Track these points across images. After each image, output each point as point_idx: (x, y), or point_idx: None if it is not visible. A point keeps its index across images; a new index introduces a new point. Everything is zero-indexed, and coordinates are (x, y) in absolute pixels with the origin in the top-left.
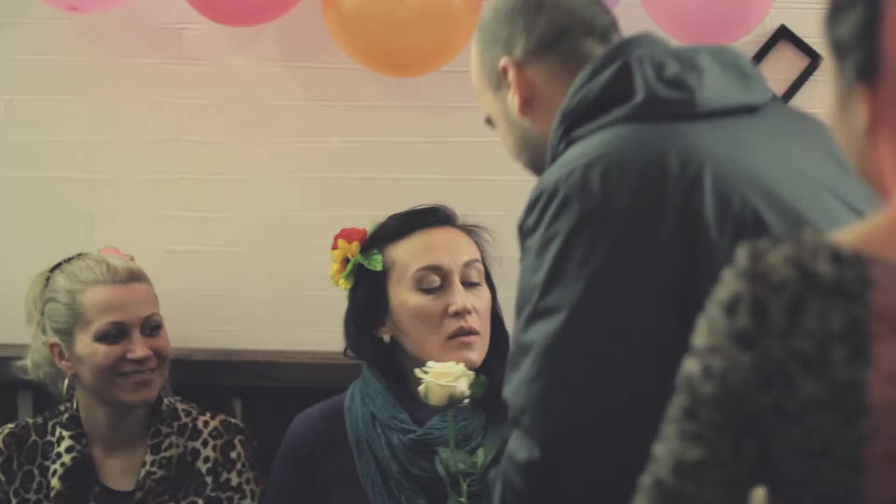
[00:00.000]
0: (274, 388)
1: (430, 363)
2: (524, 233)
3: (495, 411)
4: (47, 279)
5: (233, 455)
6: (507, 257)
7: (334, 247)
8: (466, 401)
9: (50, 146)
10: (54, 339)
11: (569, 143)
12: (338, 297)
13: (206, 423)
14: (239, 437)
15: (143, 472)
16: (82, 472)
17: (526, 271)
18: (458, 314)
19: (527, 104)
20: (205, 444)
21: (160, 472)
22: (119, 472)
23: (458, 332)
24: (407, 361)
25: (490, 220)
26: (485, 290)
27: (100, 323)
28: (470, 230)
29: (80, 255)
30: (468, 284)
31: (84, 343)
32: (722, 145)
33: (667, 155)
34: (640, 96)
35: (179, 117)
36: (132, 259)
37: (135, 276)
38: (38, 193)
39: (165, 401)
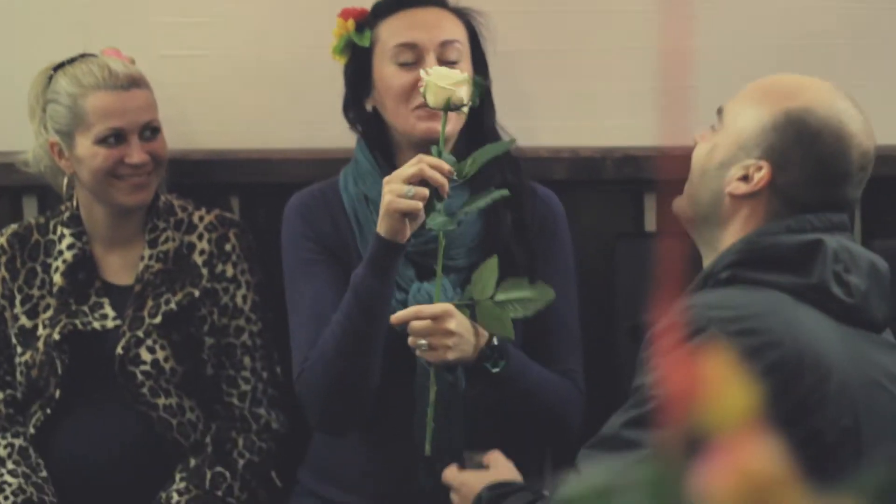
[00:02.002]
0: (270, 184)
1: (434, 67)
2: (649, 344)
3: (479, 188)
4: (49, 77)
5: (227, 247)
6: (502, 52)
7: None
8: (465, 108)
9: None
10: (54, 138)
11: (732, 278)
12: (332, 95)
13: (201, 218)
14: (233, 230)
15: (141, 265)
16: (83, 267)
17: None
18: None
19: (741, 197)
20: (200, 237)
21: (157, 266)
22: (119, 268)
23: (424, 104)
24: (392, 135)
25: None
26: (464, 67)
27: (100, 128)
28: (462, 13)
29: (82, 56)
30: (445, 62)
31: (84, 146)
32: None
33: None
34: (813, 279)
35: None
36: (133, 62)
37: (135, 82)
38: (33, 2)
39: (162, 198)
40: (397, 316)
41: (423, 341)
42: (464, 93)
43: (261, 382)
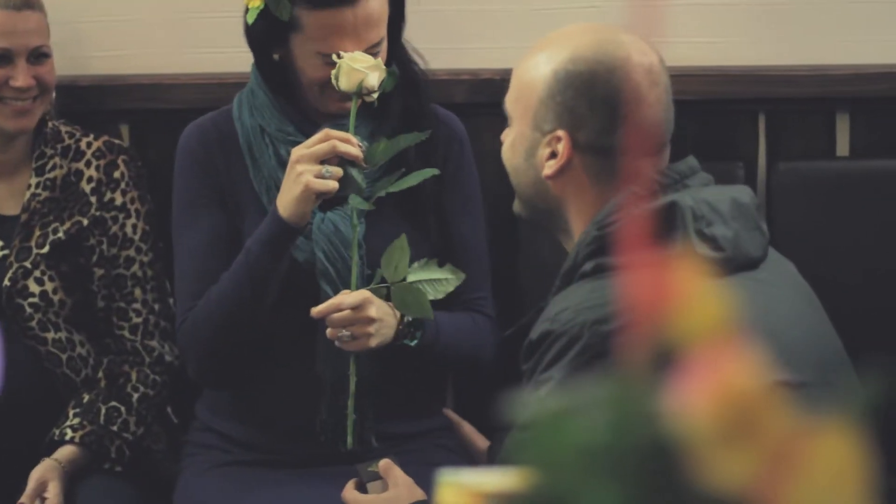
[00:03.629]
0: (160, 111)
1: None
2: (527, 371)
3: (381, 122)
4: None
5: (116, 174)
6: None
7: None
8: (375, 95)
9: None
10: None
11: (597, 268)
12: (225, 20)
13: (89, 144)
14: (122, 156)
15: (28, 194)
16: None
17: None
18: None
19: (557, 174)
20: (88, 164)
21: (45, 194)
22: (6, 197)
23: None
24: (296, 80)
25: None
26: (384, 48)
27: None
28: None
29: None
30: (370, 51)
31: None
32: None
33: None
34: (677, 247)
35: None
36: None
37: (28, 3)
38: None
39: (49, 124)
40: (317, 310)
41: (345, 332)
42: (374, 79)
43: (152, 315)
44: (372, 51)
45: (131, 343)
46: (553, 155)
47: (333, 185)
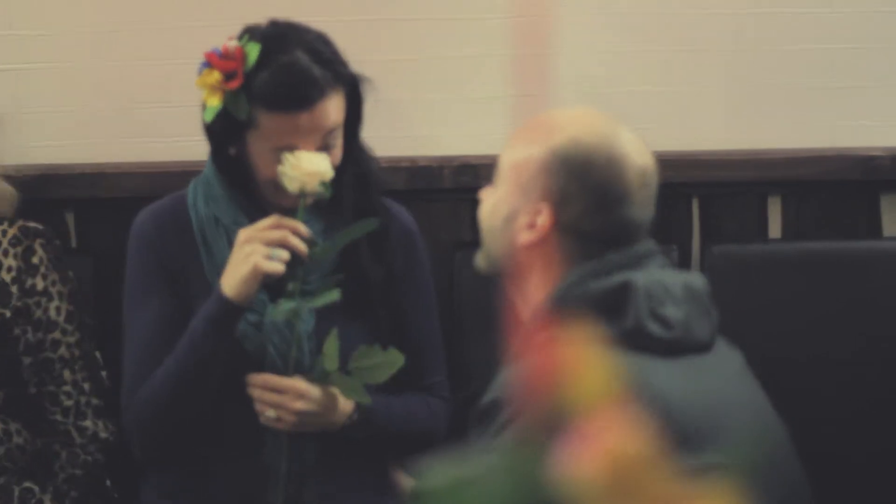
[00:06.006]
0: (104, 199)
1: (297, 152)
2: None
3: (333, 217)
4: None
5: (34, 260)
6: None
7: (207, 59)
8: (310, 200)
9: None
10: None
11: (551, 339)
12: (166, 110)
13: (4, 232)
14: (39, 240)
15: None
16: None
17: None
18: None
19: (531, 245)
20: (6, 253)
21: None
22: None
23: None
24: (251, 174)
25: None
26: (339, 143)
27: None
28: (344, 82)
29: None
30: (325, 147)
31: None
32: (684, 386)
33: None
34: (629, 323)
35: None
36: None
37: None
38: None
39: None
40: (254, 379)
41: (270, 412)
42: (315, 184)
43: (83, 395)
44: (327, 147)
45: (63, 425)
46: (531, 226)
47: (281, 267)
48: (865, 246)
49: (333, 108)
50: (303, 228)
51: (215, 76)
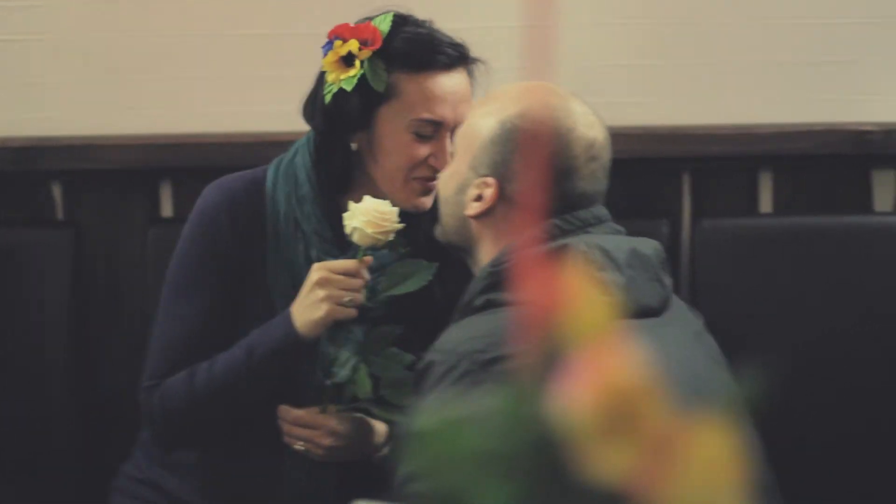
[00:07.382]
0: (92, 172)
1: (366, 198)
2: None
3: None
4: None
5: None
6: None
7: (335, 34)
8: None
9: None
10: None
11: (486, 304)
12: (155, 82)
13: None
14: None
15: None
16: None
17: None
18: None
19: (478, 216)
20: None
21: None
22: None
23: (426, 178)
24: (360, 176)
25: None
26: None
27: None
28: (472, 71)
29: None
30: (454, 132)
31: None
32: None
33: None
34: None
35: None
36: None
37: None
38: None
39: None
40: (287, 414)
41: (299, 445)
42: (390, 235)
43: None
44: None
45: None
46: (479, 198)
47: (354, 313)
48: (856, 221)
49: (467, 84)
50: (366, 274)
51: (350, 45)
